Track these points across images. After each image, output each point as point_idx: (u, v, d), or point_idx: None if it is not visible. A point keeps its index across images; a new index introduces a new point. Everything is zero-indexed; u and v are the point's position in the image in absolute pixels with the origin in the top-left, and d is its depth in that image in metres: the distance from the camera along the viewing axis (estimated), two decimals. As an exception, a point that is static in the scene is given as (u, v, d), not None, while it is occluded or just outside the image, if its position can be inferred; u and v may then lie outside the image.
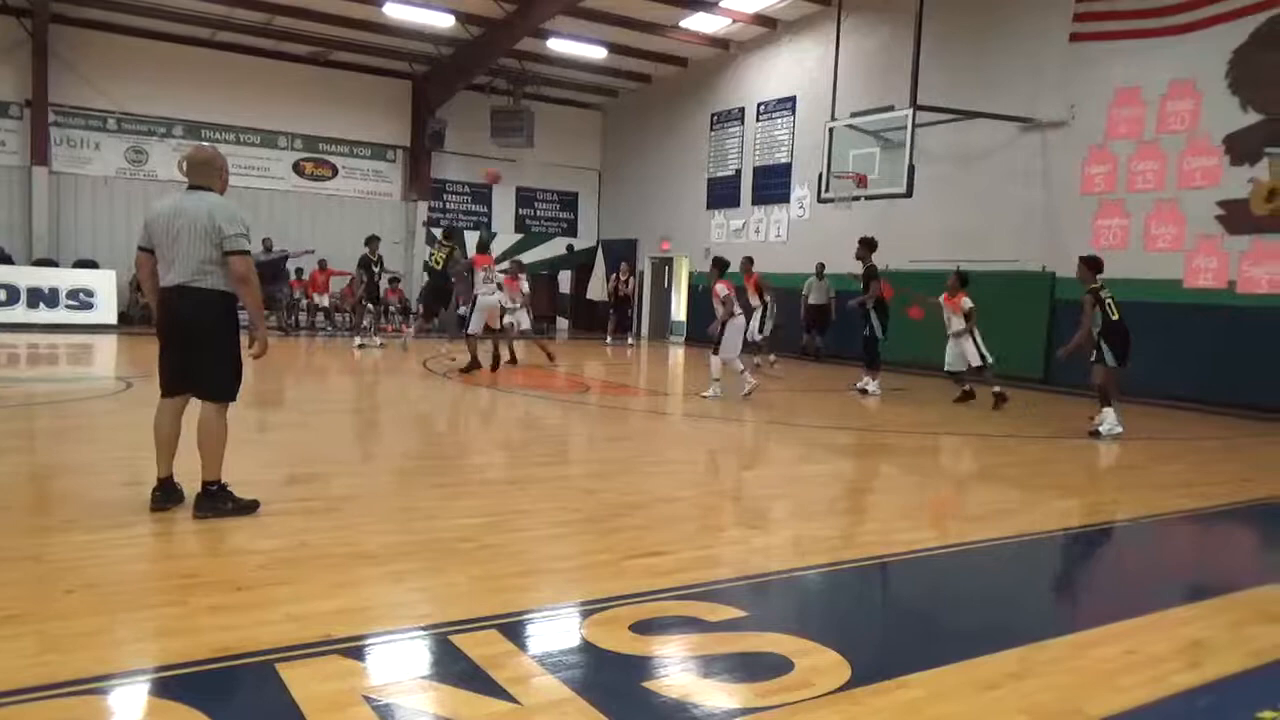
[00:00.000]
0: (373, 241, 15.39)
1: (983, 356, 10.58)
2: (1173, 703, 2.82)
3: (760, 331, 13.66)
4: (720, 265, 10.82)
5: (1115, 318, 8.66)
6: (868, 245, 11.38)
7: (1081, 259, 9.11)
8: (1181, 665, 3.10)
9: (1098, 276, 8.79)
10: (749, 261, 14.03)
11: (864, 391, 11.51)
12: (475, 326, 11.92)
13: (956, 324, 10.65)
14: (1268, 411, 10.31)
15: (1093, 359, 8.68)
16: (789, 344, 16.11)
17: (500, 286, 12.23)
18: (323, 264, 19.27)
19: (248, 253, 4.35)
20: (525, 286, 13.07)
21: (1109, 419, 8.71)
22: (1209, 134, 11.21)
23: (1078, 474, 6.86)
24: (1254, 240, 10.81)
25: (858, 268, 11.83)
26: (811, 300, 16.19)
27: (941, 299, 10.83)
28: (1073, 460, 7.53)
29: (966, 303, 10.55)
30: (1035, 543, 4.85)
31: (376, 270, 15.35)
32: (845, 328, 14.87)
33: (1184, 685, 2.94)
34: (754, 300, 13.68)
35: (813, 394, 11.63)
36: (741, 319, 10.53)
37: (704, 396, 10.24)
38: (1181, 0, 11.38)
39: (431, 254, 13.58)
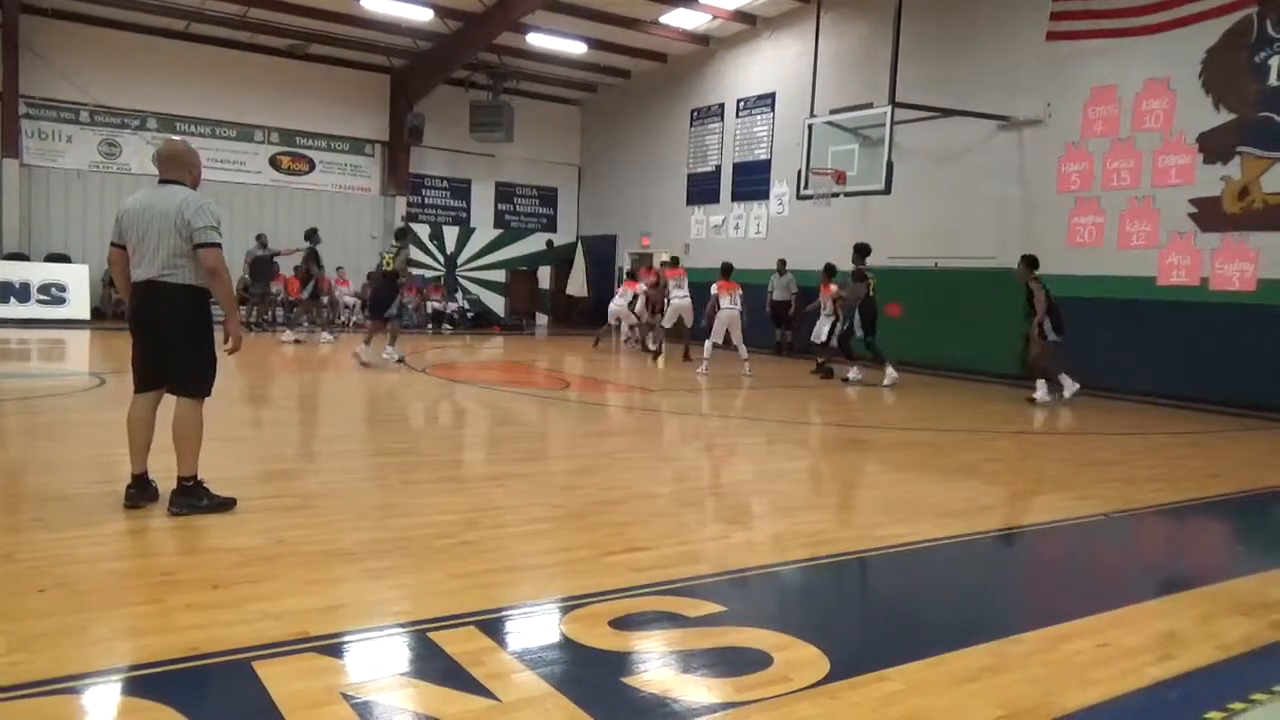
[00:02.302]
0: (314, 235, 15.29)
1: (830, 337, 12.81)
2: (1144, 695, 2.86)
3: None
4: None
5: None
6: (858, 250, 12.39)
7: (1023, 258, 10.82)
8: (1154, 658, 3.14)
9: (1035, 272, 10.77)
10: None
11: (846, 380, 12.36)
12: (669, 321, 14.27)
13: (825, 306, 13.04)
14: (1238, 408, 10.45)
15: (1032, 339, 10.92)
16: (766, 340, 16.24)
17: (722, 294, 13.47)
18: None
19: (218, 245, 4.31)
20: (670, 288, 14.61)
21: (1042, 389, 10.83)
22: (1183, 132, 11.33)
23: (1053, 469, 6.93)
24: (1225, 238, 10.95)
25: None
26: (775, 297, 16.42)
27: (820, 287, 13.21)
28: (1048, 455, 7.61)
29: (834, 290, 12.87)
30: (1011, 537, 4.90)
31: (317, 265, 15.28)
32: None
33: (1156, 678, 2.98)
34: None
35: (788, 389, 11.68)
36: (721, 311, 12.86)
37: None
38: (1156, 0, 11.51)
39: (383, 256, 12.56)
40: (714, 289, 12.83)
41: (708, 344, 12.89)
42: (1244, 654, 3.24)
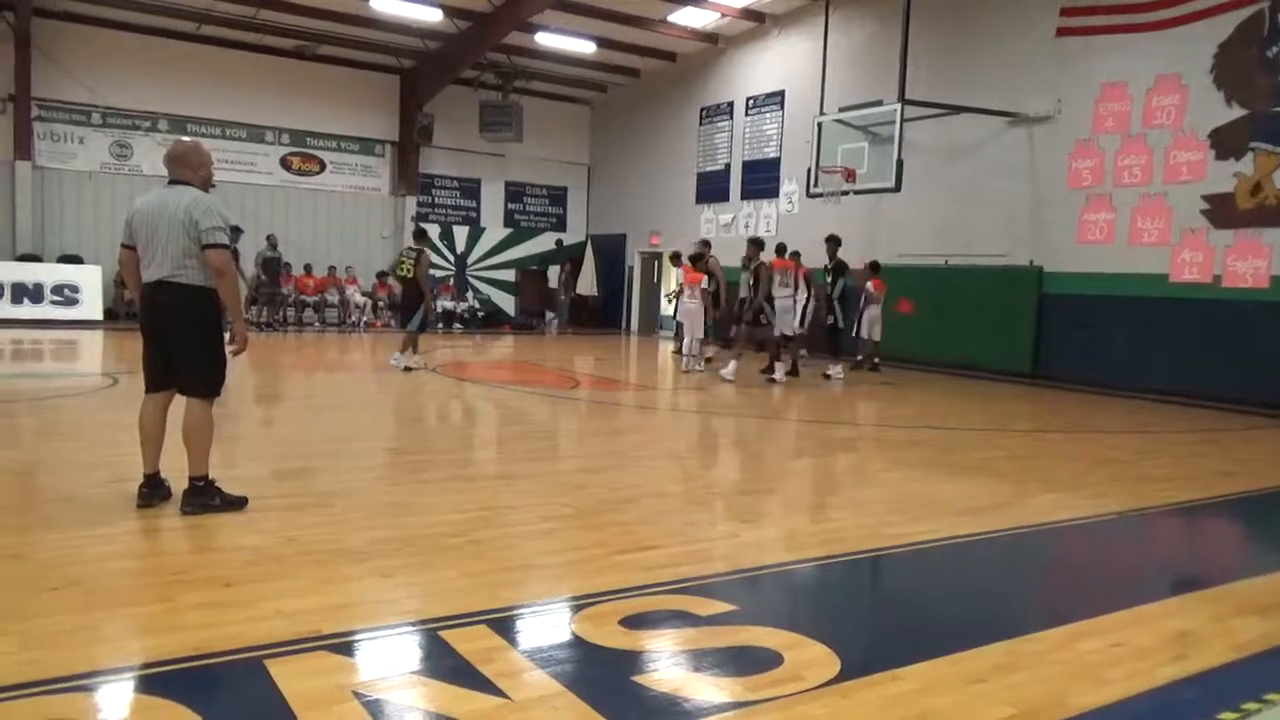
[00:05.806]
0: (235, 233, 14.92)
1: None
2: (1157, 695, 2.84)
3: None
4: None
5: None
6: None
7: (750, 240, 11.89)
8: (1167, 658, 3.12)
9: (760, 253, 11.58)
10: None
11: (827, 376, 12.46)
12: (791, 330, 12.15)
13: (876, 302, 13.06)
14: (1252, 405, 10.38)
15: (763, 322, 11.45)
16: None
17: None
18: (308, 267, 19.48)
19: (226, 246, 4.33)
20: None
21: (780, 371, 11.62)
22: (1195, 128, 11.26)
23: (1064, 468, 6.90)
24: (1238, 235, 10.88)
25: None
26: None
27: (871, 284, 13.03)
28: (1058, 454, 7.58)
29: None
30: (1023, 536, 4.87)
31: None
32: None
33: (1169, 678, 2.96)
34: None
35: (799, 387, 11.64)
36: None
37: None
38: (1167, -5, 11.46)
39: (400, 262, 11.65)
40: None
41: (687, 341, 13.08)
42: (1258, 654, 3.21)
